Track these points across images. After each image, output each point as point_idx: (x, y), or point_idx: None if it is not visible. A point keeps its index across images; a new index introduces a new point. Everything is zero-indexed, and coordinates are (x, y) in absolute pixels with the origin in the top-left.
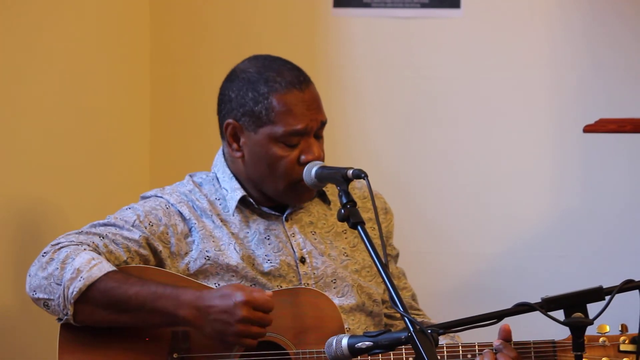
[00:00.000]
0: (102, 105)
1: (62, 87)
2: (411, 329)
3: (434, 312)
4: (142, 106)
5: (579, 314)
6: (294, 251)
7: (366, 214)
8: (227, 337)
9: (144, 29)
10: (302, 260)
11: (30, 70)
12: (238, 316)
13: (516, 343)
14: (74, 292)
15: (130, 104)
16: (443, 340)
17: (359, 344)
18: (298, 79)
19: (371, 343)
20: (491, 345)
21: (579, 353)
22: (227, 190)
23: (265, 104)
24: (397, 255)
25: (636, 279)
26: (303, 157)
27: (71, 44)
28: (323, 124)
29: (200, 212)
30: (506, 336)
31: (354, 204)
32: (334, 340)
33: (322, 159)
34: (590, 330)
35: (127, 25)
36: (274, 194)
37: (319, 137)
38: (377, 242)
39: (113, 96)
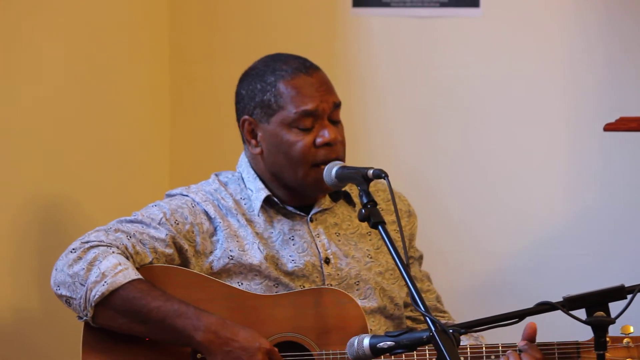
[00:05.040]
0: (123, 104)
1: (83, 88)
2: (432, 329)
3: (456, 310)
4: (162, 105)
5: (600, 313)
6: (319, 252)
7: (390, 217)
8: None
9: (163, 29)
10: (327, 261)
11: (51, 71)
12: (255, 359)
13: (539, 344)
14: (96, 296)
15: (150, 103)
16: (466, 340)
17: (381, 344)
18: (304, 64)
19: (393, 343)
20: (515, 346)
21: (601, 352)
22: (252, 190)
23: (273, 91)
24: (420, 257)
25: None
26: (319, 140)
27: (92, 44)
28: (336, 105)
29: (226, 211)
30: (531, 335)
31: (375, 203)
32: (355, 340)
33: (339, 142)
34: (614, 332)
35: (147, 26)
36: (295, 183)
37: (335, 121)
38: (399, 243)
39: (133, 95)
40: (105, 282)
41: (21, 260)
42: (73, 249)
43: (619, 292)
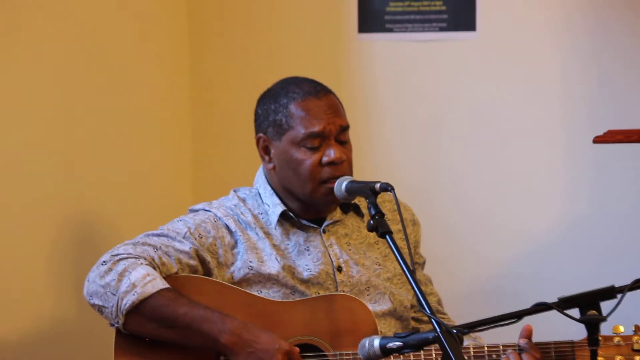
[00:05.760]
0: (149, 130)
1: (112, 111)
2: (438, 330)
3: (457, 314)
4: (184, 129)
5: (593, 312)
6: (332, 260)
7: (396, 226)
8: None
9: (184, 53)
10: (339, 269)
11: (81, 106)
12: (275, 359)
13: (537, 343)
14: (127, 305)
15: (173, 127)
16: (466, 341)
17: (390, 345)
18: (315, 88)
19: (401, 343)
20: (515, 346)
21: (594, 348)
22: (269, 205)
23: (285, 112)
24: (424, 263)
25: None
26: (325, 159)
27: (118, 66)
28: (343, 128)
29: (245, 225)
30: (527, 336)
31: (382, 215)
32: (366, 341)
33: (344, 161)
34: (605, 331)
35: (167, 42)
36: (304, 197)
37: (342, 142)
38: (405, 250)
39: (158, 120)
40: (135, 291)
41: (60, 276)
42: (104, 262)
43: (609, 292)
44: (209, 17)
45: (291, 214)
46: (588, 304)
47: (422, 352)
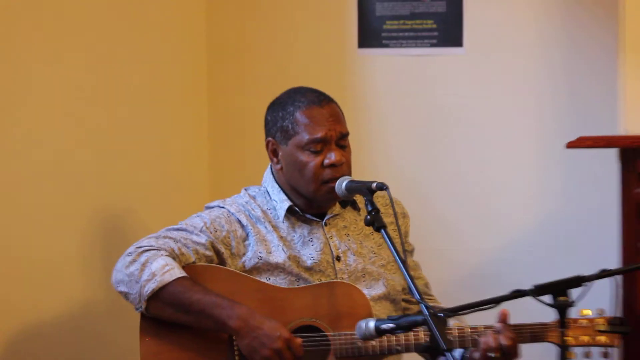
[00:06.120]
0: (171, 135)
1: (133, 116)
2: (426, 313)
3: (445, 296)
4: (201, 134)
5: (563, 298)
6: (332, 251)
7: (388, 219)
8: (256, 355)
9: (202, 62)
10: (338, 258)
11: (115, 106)
12: (275, 345)
13: (513, 325)
14: (148, 291)
15: (191, 131)
16: (452, 322)
17: (384, 326)
18: (319, 98)
19: (393, 325)
20: (493, 327)
21: (563, 329)
22: (276, 201)
23: (291, 119)
24: (412, 251)
25: (610, 268)
26: (326, 161)
27: (141, 71)
28: (342, 134)
29: (255, 219)
30: (504, 319)
31: (378, 211)
32: (363, 323)
33: (344, 163)
34: (573, 314)
35: (187, 55)
36: (308, 194)
37: (342, 146)
38: (397, 241)
39: (178, 126)
40: (155, 280)
41: (89, 264)
42: (129, 253)
43: (577, 281)
44: (226, 32)
45: (297, 209)
46: (559, 291)
47: (411, 332)
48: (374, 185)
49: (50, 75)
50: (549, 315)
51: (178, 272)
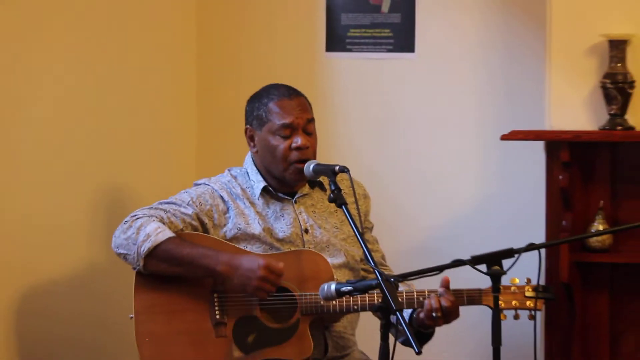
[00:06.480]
0: (165, 120)
1: (122, 101)
2: (380, 278)
3: (397, 267)
4: (189, 120)
5: (497, 267)
6: (301, 225)
7: (351, 199)
8: (247, 288)
9: (191, 50)
10: (306, 231)
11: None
12: (258, 274)
13: (453, 290)
14: (144, 250)
15: (181, 118)
16: (402, 287)
17: (343, 289)
18: (289, 91)
19: (351, 288)
20: (436, 291)
21: (496, 294)
22: (254, 181)
23: (265, 109)
24: (372, 227)
25: (536, 243)
26: (293, 145)
27: (131, 60)
28: (309, 120)
29: (235, 196)
30: (446, 285)
31: (340, 190)
32: (325, 285)
33: (309, 147)
34: (505, 282)
35: (175, 49)
36: (279, 174)
37: (308, 132)
38: (357, 217)
39: (169, 112)
40: (150, 240)
41: (94, 230)
42: (125, 221)
43: (509, 253)
44: (215, 33)
45: (270, 188)
46: (493, 261)
47: (367, 295)
48: (337, 167)
49: (53, 60)
50: (485, 282)
51: (169, 233)
